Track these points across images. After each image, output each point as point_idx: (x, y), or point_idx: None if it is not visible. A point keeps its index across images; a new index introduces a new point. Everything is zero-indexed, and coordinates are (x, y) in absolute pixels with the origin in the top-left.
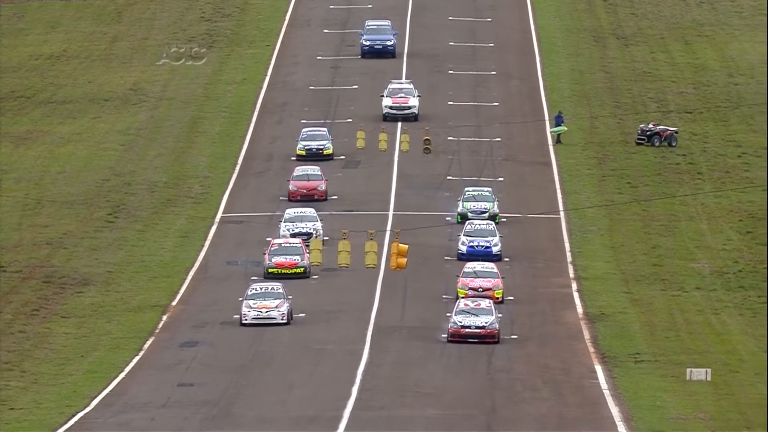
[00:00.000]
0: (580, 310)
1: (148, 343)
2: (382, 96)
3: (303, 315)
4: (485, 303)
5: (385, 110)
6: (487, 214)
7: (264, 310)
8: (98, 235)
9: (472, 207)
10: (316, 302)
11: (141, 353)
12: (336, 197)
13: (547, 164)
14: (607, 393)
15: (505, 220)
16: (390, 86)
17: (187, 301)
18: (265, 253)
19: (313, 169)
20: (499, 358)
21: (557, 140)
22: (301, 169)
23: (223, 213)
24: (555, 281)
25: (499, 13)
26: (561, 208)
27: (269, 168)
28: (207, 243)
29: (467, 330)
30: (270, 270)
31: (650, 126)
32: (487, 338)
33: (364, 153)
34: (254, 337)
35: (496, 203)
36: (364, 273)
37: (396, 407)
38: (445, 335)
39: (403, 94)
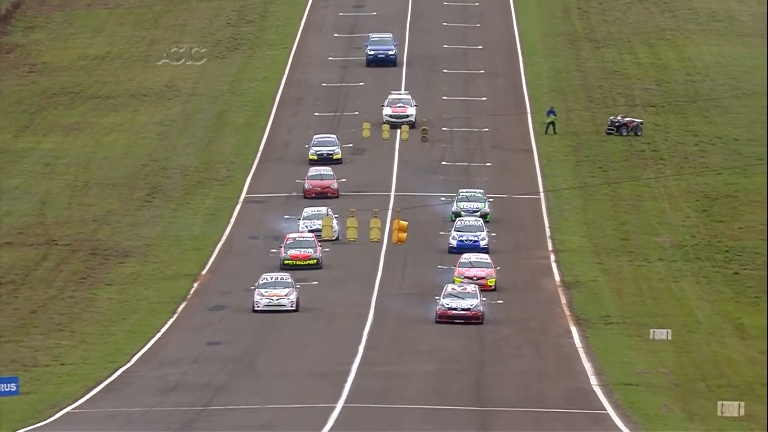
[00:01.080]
0: (557, 278)
1: (181, 307)
2: (383, 105)
3: (316, 283)
4: (471, 287)
5: (386, 119)
6: (478, 213)
7: (275, 298)
8: (137, 213)
9: (465, 207)
10: (327, 272)
11: (175, 316)
12: (344, 180)
13: (529, 151)
14: (581, 350)
15: (492, 209)
16: (390, 97)
17: (215, 270)
18: (281, 247)
19: (326, 170)
20: (487, 321)
21: (552, 131)
22: (315, 170)
23: (246, 194)
24: (536, 253)
25: (487, 20)
26: (541, 189)
27: (286, 155)
28: (232, 220)
29: (454, 312)
30: (285, 262)
31: (618, 118)
32: (472, 319)
33: (369, 141)
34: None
35: (487, 204)
36: (369, 246)
37: (397, 363)
38: (439, 305)
39: (401, 104)
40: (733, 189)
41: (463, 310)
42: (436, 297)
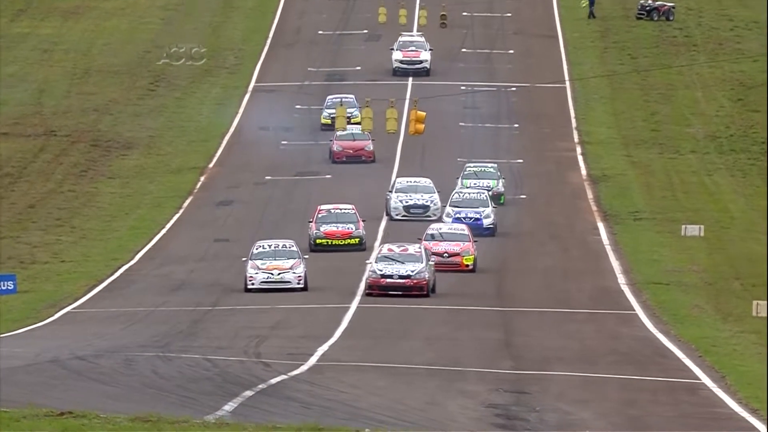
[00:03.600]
0: (583, 171)
1: (187, 201)
2: (392, 49)
3: (329, 176)
4: (414, 248)
5: (396, 64)
6: (488, 194)
7: (275, 271)
8: (141, 103)
9: (473, 185)
10: (340, 166)
11: (180, 211)
12: (359, 68)
13: (554, 37)
14: (608, 247)
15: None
16: (400, 39)
17: (223, 163)
18: (310, 222)
19: (358, 129)
20: (511, 215)
21: (590, 15)
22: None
23: (255, 82)
24: (561, 145)
25: None
26: (566, 78)
27: (298, 40)
28: (241, 110)
29: (388, 281)
30: (318, 241)
31: (649, 1)
32: (413, 290)
33: (385, 27)
34: (284, 194)
35: (501, 181)
36: (386, 137)
37: None
38: (370, 270)
39: (414, 48)
40: None
41: (401, 278)
42: (367, 261)
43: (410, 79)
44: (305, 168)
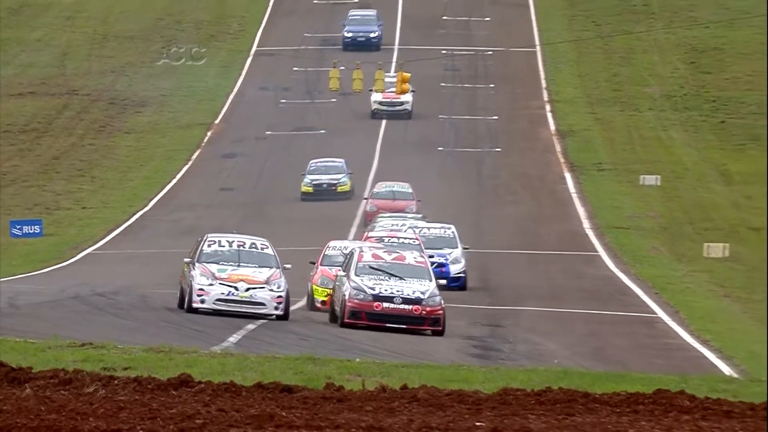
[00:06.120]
0: (552, 127)
1: (196, 154)
2: (371, 91)
3: (324, 131)
4: (414, 256)
5: (375, 106)
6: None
7: (242, 284)
8: (153, 65)
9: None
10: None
11: (189, 163)
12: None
13: (526, 6)
14: (574, 196)
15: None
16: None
17: (228, 120)
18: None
19: (401, 186)
20: (487, 167)
21: None
22: (385, 185)
23: (257, 47)
24: (532, 104)
25: None
26: (537, 43)
27: (295, 9)
28: (243, 72)
29: (386, 306)
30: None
31: None
32: (425, 324)
33: None
34: (282, 148)
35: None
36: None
37: None
38: (349, 289)
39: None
40: (720, 42)
41: (405, 302)
42: (339, 271)
43: (395, 41)
44: (302, 124)
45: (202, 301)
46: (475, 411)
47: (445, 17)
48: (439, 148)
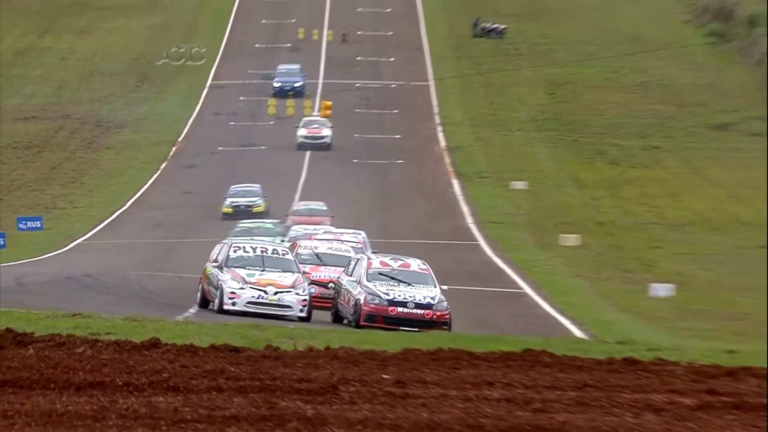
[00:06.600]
0: (443, 144)
1: (163, 165)
2: (297, 127)
3: (264, 147)
4: (417, 264)
5: (300, 140)
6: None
7: (271, 288)
8: (131, 95)
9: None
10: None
11: (158, 172)
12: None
13: (422, 50)
14: (460, 198)
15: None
16: (305, 119)
17: (189, 138)
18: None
19: (317, 204)
20: (392, 176)
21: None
22: (303, 203)
23: (212, 81)
24: (427, 125)
25: None
26: (430, 78)
27: (241, 51)
28: (201, 101)
29: (401, 310)
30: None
31: (486, 24)
32: (436, 327)
33: (304, 42)
34: (231, 161)
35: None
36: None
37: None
38: (363, 293)
39: (317, 125)
40: (573, 77)
41: (418, 307)
42: (345, 278)
43: (320, 77)
44: (247, 142)
45: (234, 304)
46: (382, 366)
47: (359, 58)
48: (354, 161)
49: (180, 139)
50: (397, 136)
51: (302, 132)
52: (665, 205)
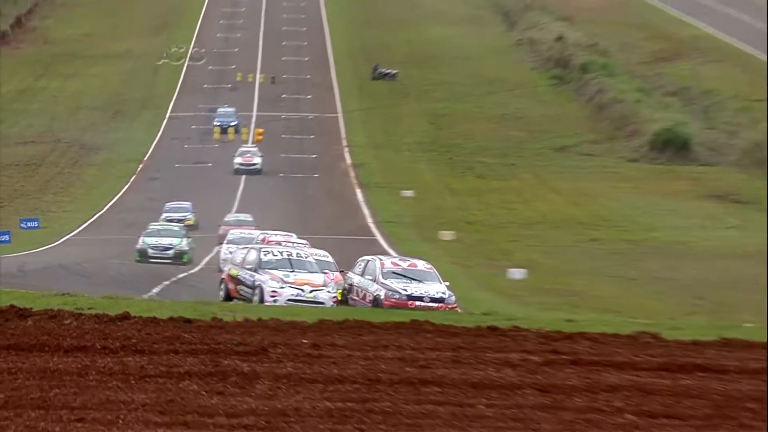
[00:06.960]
0: (348, 161)
1: (132, 178)
2: (234, 156)
3: (210, 164)
4: (423, 264)
5: (236, 166)
6: (172, 251)
7: (307, 287)
8: (108, 125)
9: (154, 243)
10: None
11: (129, 183)
12: (226, 105)
13: (331, 88)
14: (362, 203)
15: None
16: (240, 149)
17: (152, 157)
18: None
19: (245, 216)
20: (309, 187)
21: (382, 77)
22: (233, 216)
23: (170, 113)
24: (336, 147)
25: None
26: (339, 111)
27: (194, 89)
28: (162, 129)
29: (418, 303)
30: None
31: (382, 70)
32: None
33: (241, 83)
34: (185, 175)
35: (185, 241)
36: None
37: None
38: (380, 290)
39: (250, 155)
40: (449, 111)
41: (433, 301)
42: (357, 277)
43: (254, 110)
44: (197, 160)
45: (275, 301)
46: (303, 333)
47: (284, 95)
48: (281, 175)
49: (146, 158)
50: (314, 156)
51: (238, 160)
52: (520, 209)
